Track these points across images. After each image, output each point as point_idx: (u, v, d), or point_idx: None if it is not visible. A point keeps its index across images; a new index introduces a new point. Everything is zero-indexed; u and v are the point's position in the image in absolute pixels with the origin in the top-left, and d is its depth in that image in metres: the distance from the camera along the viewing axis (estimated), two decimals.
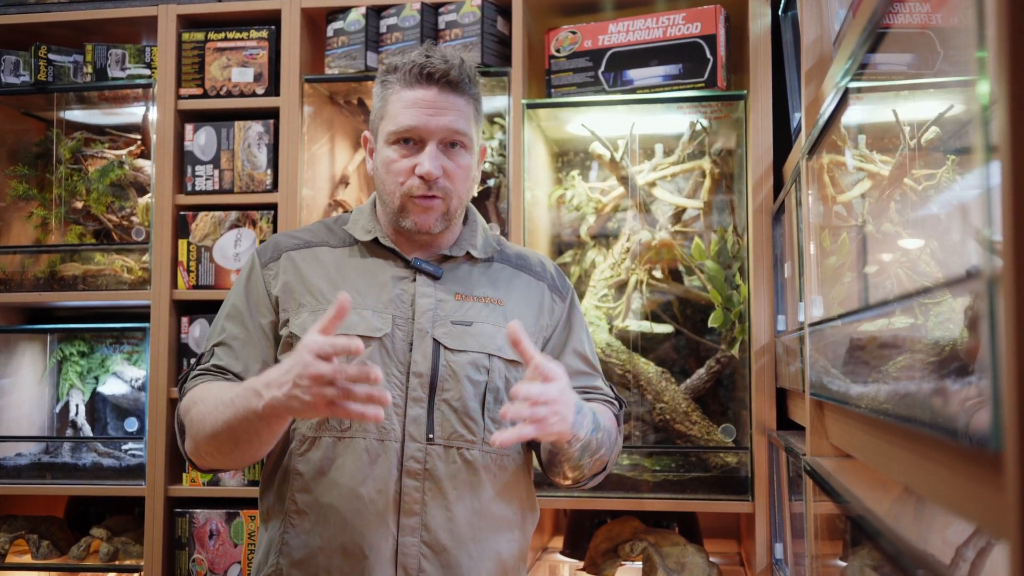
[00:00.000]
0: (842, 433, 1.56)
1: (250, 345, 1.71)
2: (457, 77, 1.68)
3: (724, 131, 2.86)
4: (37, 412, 3.06)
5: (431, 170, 1.65)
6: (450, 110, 1.67)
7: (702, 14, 2.61)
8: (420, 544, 1.63)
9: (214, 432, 1.54)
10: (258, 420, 1.47)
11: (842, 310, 1.60)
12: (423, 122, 1.66)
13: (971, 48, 0.88)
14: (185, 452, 1.68)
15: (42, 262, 2.93)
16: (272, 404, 1.42)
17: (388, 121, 1.70)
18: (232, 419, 1.50)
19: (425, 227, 1.70)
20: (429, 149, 1.67)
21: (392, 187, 1.70)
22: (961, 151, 1.21)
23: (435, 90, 1.67)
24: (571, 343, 1.85)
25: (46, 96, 3.00)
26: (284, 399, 1.41)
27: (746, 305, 2.61)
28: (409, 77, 1.67)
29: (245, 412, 1.47)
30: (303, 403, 1.40)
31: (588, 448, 1.65)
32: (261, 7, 2.85)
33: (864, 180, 1.54)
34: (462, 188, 1.72)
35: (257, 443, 1.54)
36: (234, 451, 1.57)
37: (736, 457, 2.58)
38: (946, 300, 0.87)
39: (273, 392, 1.42)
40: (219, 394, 1.56)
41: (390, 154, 1.70)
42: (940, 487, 0.90)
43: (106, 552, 2.80)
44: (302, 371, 1.38)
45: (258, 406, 1.44)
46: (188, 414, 1.63)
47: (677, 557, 2.50)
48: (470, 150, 1.72)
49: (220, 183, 2.83)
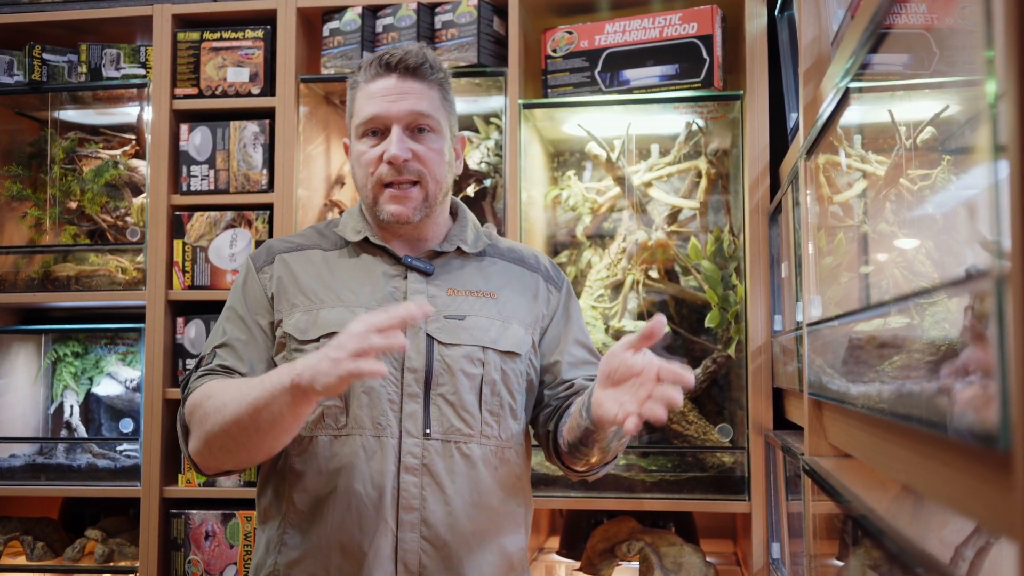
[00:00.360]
0: (841, 433, 1.56)
1: (253, 346, 1.71)
2: (416, 62, 1.70)
3: (720, 131, 2.87)
4: (31, 413, 3.05)
5: (397, 153, 1.66)
6: (411, 94, 1.69)
7: (698, 14, 2.61)
8: (420, 540, 1.63)
9: (236, 416, 1.50)
10: (284, 395, 1.44)
11: (840, 310, 1.60)
12: (384, 109, 1.68)
13: (974, 48, 0.88)
14: (189, 453, 1.65)
15: (36, 262, 2.92)
16: (300, 373, 1.41)
17: (355, 117, 1.73)
18: (258, 398, 1.47)
19: (403, 217, 1.70)
20: (394, 133, 1.68)
21: (363, 179, 1.72)
22: (959, 151, 1.21)
23: (394, 77, 1.69)
24: (572, 332, 1.85)
25: (40, 96, 2.99)
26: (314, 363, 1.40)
27: (742, 305, 2.61)
28: (370, 71, 1.71)
29: (273, 388, 1.45)
30: (330, 362, 1.38)
31: (619, 433, 1.63)
32: (257, 7, 2.84)
33: (863, 180, 1.54)
34: (437, 171, 1.72)
35: (279, 427, 1.50)
36: (251, 439, 1.52)
37: (733, 457, 2.58)
38: (951, 299, 0.87)
39: (306, 363, 1.42)
40: (243, 381, 1.57)
41: (360, 147, 1.72)
42: (944, 486, 0.90)
43: (101, 553, 2.79)
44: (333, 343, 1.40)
45: (287, 380, 1.43)
46: (199, 409, 1.59)
47: (674, 557, 2.50)
48: (439, 133, 1.73)
49: (215, 183, 2.83)
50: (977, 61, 0.75)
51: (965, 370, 0.82)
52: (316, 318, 1.68)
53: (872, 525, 1.10)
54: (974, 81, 0.88)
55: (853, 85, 1.34)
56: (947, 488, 0.88)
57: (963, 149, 1.15)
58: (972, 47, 0.89)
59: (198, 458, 1.64)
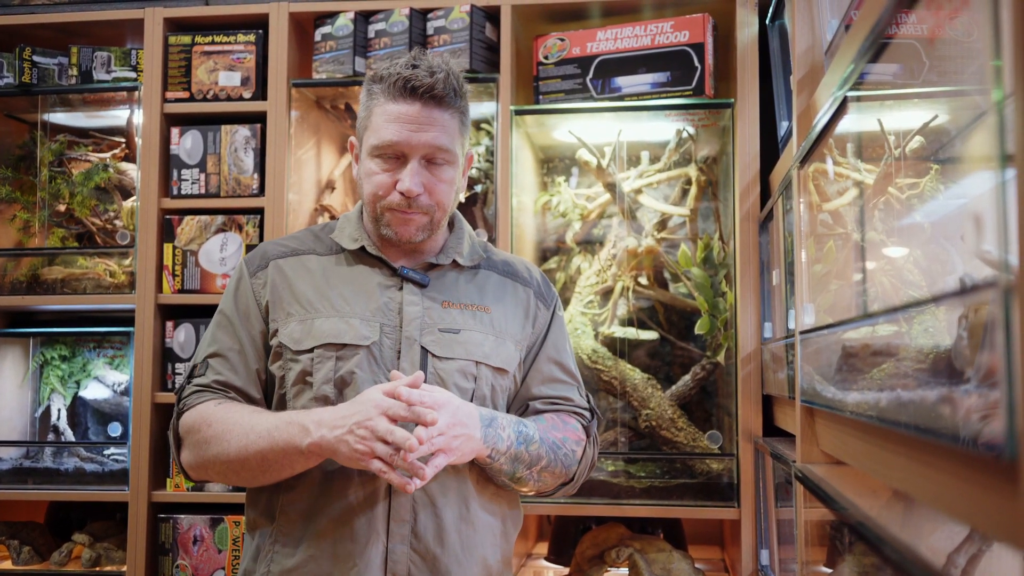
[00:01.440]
0: (834, 440, 1.57)
1: (244, 355, 1.71)
2: (442, 92, 1.66)
3: (710, 139, 2.88)
4: (18, 416, 3.03)
5: (411, 187, 1.65)
6: (433, 126, 1.66)
7: (690, 22, 2.62)
8: (410, 551, 1.63)
9: (241, 458, 1.58)
10: (298, 455, 1.53)
11: (830, 318, 1.61)
12: (405, 138, 1.65)
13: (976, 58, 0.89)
14: (181, 463, 1.69)
15: (24, 265, 2.90)
16: (320, 443, 1.50)
17: (371, 134, 1.69)
18: (268, 450, 1.55)
19: (406, 237, 1.71)
20: (411, 167, 1.66)
21: (371, 199, 1.70)
22: (959, 160, 1.22)
23: (419, 105, 1.65)
24: (546, 349, 1.85)
25: (29, 98, 2.98)
26: (333, 441, 1.49)
27: (732, 312, 2.62)
28: (393, 90, 1.66)
29: (286, 446, 1.53)
30: (351, 449, 1.48)
31: (520, 460, 1.68)
32: (249, 11, 2.84)
33: (858, 189, 1.55)
34: (445, 201, 1.72)
35: (287, 472, 1.60)
36: (255, 477, 1.62)
37: (722, 464, 2.59)
38: (952, 309, 0.88)
39: (323, 432, 1.50)
40: (248, 422, 1.59)
41: (372, 166, 1.69)
42: (945, 494, 0.90)
43: (88, 558, 2.78)
44: (362, 420, 1.47)
45: (302, 443, 1.51)
46: (197, 433, 1.63)
47: (663, 563, 2.51)
48: (453, 164, 1.71)
49: (206, 187, 2.82)
50: (980, 71, 0.76)
51: (966, 379, 0.82)
52: (311, 328, 1.67)
53: (869, 532, 1.10)
54: (977, 90, 0.89)
55: (851, 94, 1.34)
56: (948, 496, 0.89)
57: (963, 159, 1.16)
58: (974, 57, 0.90)
59: (191, 472, 1.69)
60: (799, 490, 1.72)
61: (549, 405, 1.81)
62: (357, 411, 1.49)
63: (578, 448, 1.77)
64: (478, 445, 1.60)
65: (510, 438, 1.65)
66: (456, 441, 1.55)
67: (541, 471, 1.71)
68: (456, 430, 1.54)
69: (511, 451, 1.65)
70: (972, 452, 0.77)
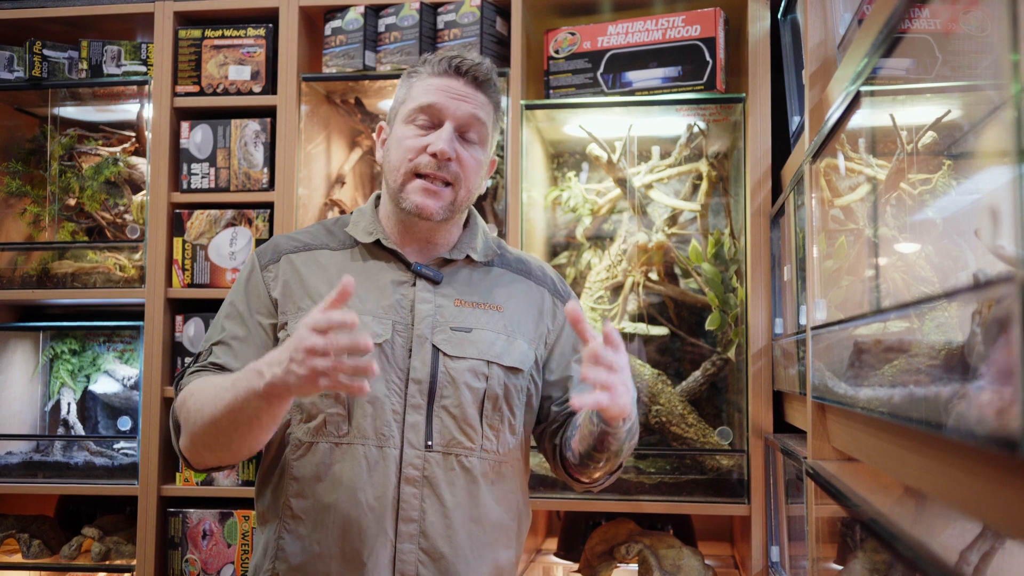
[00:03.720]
0: (846, 436, 1.56)
1: (250, 344, 1.69)
2: (485, 75, 1.71)
3: (721, 134, 2.87)
4: (28, 410, 3.04)
5: (445, 148, 1.65)
6: (472, 100, 1.70)
7: (702, 16, 2.61)
8: (418, 551, 1.62)
9: (213, 418, 1.51)
10: (258, 400, 1.44)
11: (841, 313, 1.60)
12: (444, 102, 1.68)
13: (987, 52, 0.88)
14: (180, 450, 1.66)
15: (34, 259, 2.91)
16: (272, 382, 1.40)
17: (409, 102, 1.71)
18: (233, 402, 1.47)
19: (427, 211, 1.68)
20: (446, 129, 1.67)
21: (399, 162, 1.69)
22: (975, 155, 1.21)
23: (461, 81, 1.69)
24: (580, 344, 1.84)
25: (39, 92, 2.98)
26: (282, 374, 1.39)
27: (743, 308, 2.61)
28: (438, 67, 1.70)
29: (246, 393, 1.45)
30: (298, 377, 1.37)
31: (631, 432, 1.65)
32: (259, 5, 2.84)
33: (870, 184, 1.54)
34: (472, 180, 1.72)
35: (257, 428, 1.50)
36: (232, 439, 1.53)
37: (732, 460, 2.58)
38: (964, 304, 0.87)
39: (274, 370, 1.40)
40: (219, 382, 1.54)
41: (405, 131, 1.70)
42: (958, 491, 0.89)
43: (98, 552, 2.78)
44: (297, 344, 1.37)
45: (259, 385, 1.42)
46: (184, 407, 1.60)
47: (673, 559, 2.50)
48: (484, 147, 1.73)
49: (216, 181, 2.82)
50: (994, 66, 0.75)
51: (981, 375, 0.81)
52: None
53: (881, 529, 1.09)
54: (991, 85, 0.88)
55: (864, 88, 1.33)
56: (961, 492, 0.88)
57: (977, 154, 1.15)
58: (988, 51, 0.89)
59: (187, 455, 1.64)
60: (810, 486, 1.71)
61: None
62: (294, 337, 1.39)
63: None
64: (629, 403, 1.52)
65: (633, 419, 1.62)
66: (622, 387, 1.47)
67: (632, 447, 1.70)
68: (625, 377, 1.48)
69: (632, 420, 1.62)
70: (986, 448, 0.76)
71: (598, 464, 1.68)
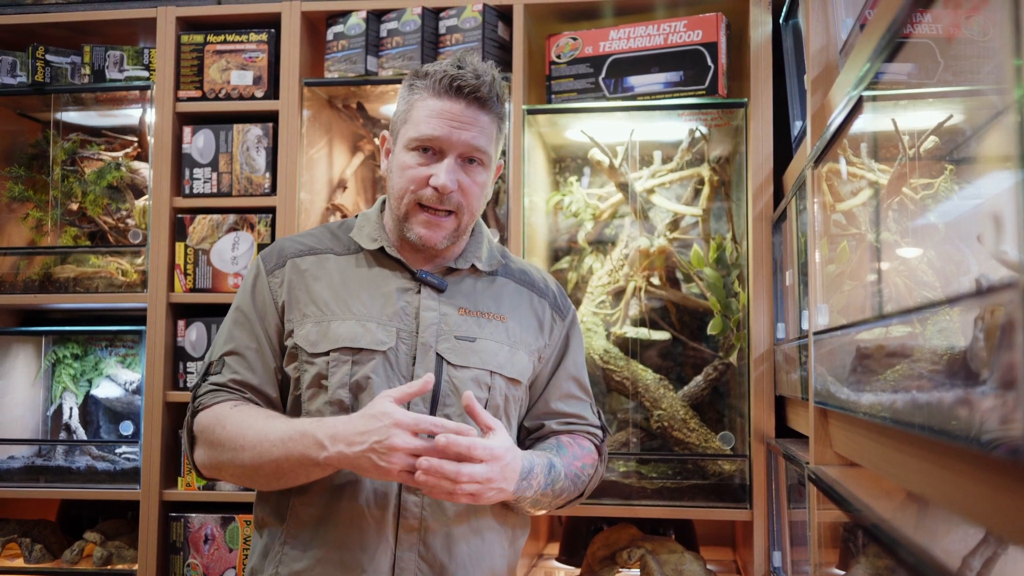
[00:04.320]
0: (848, 442, 1.56)
1: (262, 355, 1.70)
2: (486, 94, 1.67)
3: (722, 138, 2.87)
4: (30, 415, 3.04)
5: (446, 183, 1.64)
6: (474, 126, 1.67)
7: (703, 21, 2.61)
8: (418, 560, 1.63)
9: (255, 465, 1.57)
10: (314, 467, 1.53)
11: (843, 318, 1.60)
12: (446, 133, 1.65)
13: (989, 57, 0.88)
14: (194, 461, 1.68)
15: (36, 264, 2.91)
16: (338, 459, 1.49)
17: (411, 127, 1.68)
18: (282, 460, 1.54)
19: (431, 242, 1.70)
20: (447, 162, 1.66)
21: (402, 192, 1.69)
22: (964, 160, 1.21)
23: (462, 104, 1.66)
24: (566, 366, 1.85)
25: (42, 97, 2.99)
26: (353, 457, 1.47)
27: (745, 313, 2.61)
28: (439, 87, 1.66)
29: (300, 458, 1.52)
30: (375, 467, 1.47)
31: (538, 502, 1.70)
32: (261, 10, 2.84)
33: (872, 189, 1.54)
34: (475, 205, 1.72)
35: (303, 480, 1.59)
36: (270, 483, 1.62)
37: (734, 465, 2.58)
38: (967, 309, 0.87)
39: (340, 448, 1.48)
40: (262, 429, 1.58)
41: (407, 159, 1.68)
42: (960, 496, 0.89)
43: (99, 556, 2.78)
44: (383, 438, 1.45)
45: (319, 457, 1.50)
46: (212, 434, 1.62)
47: (675, 564, 2.50)
48: (487, 168, 1.72)
49: (218, 186, 2.82)
50: (997, 70, 0.75)
51: (984, 380, 0.81)
52: (327, 330, 1.66)
53: (883, 534, 1.09)
54: (993, 90, 0.88)
55: (867, 93, 1.33)
56: (964, 498, 0.88)
57: (979, 159, 1.15)
58: (991, 56, 0.89)
59: (204, 471, 1.69)
60: (812, 491, 1.71)
61: (564, 425, 1.82)
62: (373, 428, 1.47)
63: (591, 470, 1.80)
64: (507, 496, 1.60)
65: (539, 486, 1.65)
66: (489, 493, 1.54)
67: (557, 499, 1.74)
68: (493, 484, 1.53)
69: (535, 495, 1.66)
70: (988, 454, 0.76)
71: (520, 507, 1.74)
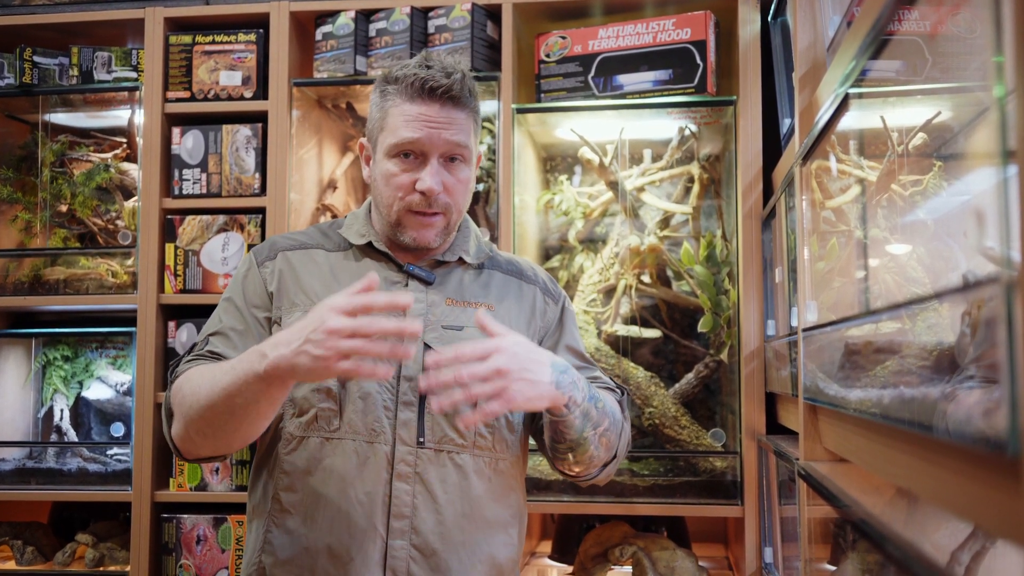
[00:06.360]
0: (837, 438, 1.56)
1: (247, 336, 1.70)
2: (459, 92, 1.67)
3: (712, 136, 2.87)
4: (21, 417, 3.03)
5: (433, 186, 1.65)
6: (452, 125, 1.67)
7: (692, 20, 2.62)
8: (409, 547, 1.62)
9: (210, 402, 1.50)
10: (259, 382, 1.43)
11: (833, 315, 1.61)
12: (426, 136, 1.65)
13: (975, 53, 0.89)
14: (171, 439, 1.64)
15: (26, 266, 2.90)
16: (276, 363, 1.40)
17: (388, 134, 1.68)
18: (231, 384, 1.46)
19: (424, 242, 1.71)
20: (431, 165, 1.66)
21: (391, 200, 1.69)
22: (960, 157, 1.21)
23: (437, 105, 1.65)
24: (564, 340, 1.85)
25: (31, 99, 2.98)
26: (291, 355, 1.39)
27: (735, 310, 2.62)
28: (411, 91, 1.66)
29: (246, 375, 1.44)
30: (312, 358, 1.38)
31: (589, 417, 1.62)
32: (249, 10, 2.84)
33: (860, 186, 1.55)
34: (461, 201, 1.73)
35: (254, 413, 1.49)
36: (227, 424, 1.52)
37: (725, 461, 2.59)
38: (954, 305, 0.87)
39: (280, 351, 1.41)
40: (216, 367, 1.54)
41: (390, 167, 1.68)
42: (949, 491, 0.90)
43: (92, 558, 2.78)
44: (318, 324, 1.38)
45: (260, 367, 1.42)
46: (179, 392, 1.59)
47: (667, 561, 2.50)
48: (469, 162, 1.72)
49: (208, 187, 2.82)
50: (982, 67, 0.76)
51: (970, 375, 0.82)
52: None
53: (872, 530, 1.10)
54: (979, 87, 0.89)
55: (853, 91, 1.34)
56: (951, 493, 0.89)
57: (966, 155, 1.15)
58: (976, 53, 0.89)
59: (179, 442, 1.63)
60: (802, 488, 1.72)
61: None
62: (312, 318, 1.40)
63: (621, 418, 1.76)
64: (549, 390, 1.52)
65: (584, 390, 1.60)
66: (518, 384, 1.46)
67: (602, 435, 1.67)
68: (517, 373, 1.46)
69: (584, 405, 1.60)
70: (975, 449, 0.77)
71: (567, 455, 1.69)
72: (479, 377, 1.44)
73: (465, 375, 1.43)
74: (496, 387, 1.45)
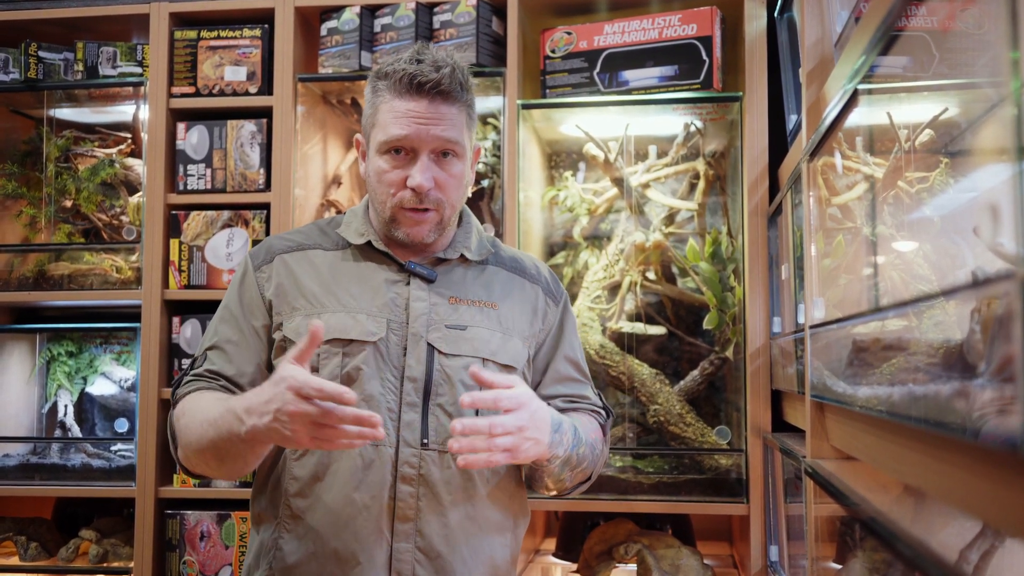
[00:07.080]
0: (845, 435, 1.56)
1: (244, 348, 1.70)
2: (448, 87, 1.65)
3: (718, 133, 2.86)
4: (25, 413, 3.03)
5: (423, 183, 1.64)
6: (442, 120, 1.65)
7: (698, 15, 2.61)
8: (415, 550, 1.62)
9: (199, 448, 1.57)
10: (241, 443, 1.49)
11: (839, 312, 1.60)
12: (415, 132, 1.64)
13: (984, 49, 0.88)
14: (178, 459, 1.68)
15: (30, 261, 2.90)
16: (253, 432, 1.45)
17: (379, 130, 1.67)
18: (216, 439, 1.52)
19: (418, 238, 1.70)
20: (421, 161, 1.65)
21: (383, 197, 1.69)
22: (959, 153, 1.21)
23: (426, 101, 1.64)
24: (563, 348, 1.85)
25: (36, 94, 2.98)
26: (264, 428, 1.43)
27: (741, 307, 2.61)
28: (399, 87, 1.64)
29: (228, 435, 1.50)
30: (282, 437, 1.43)
31: (568, 463, 1.68)
32: (254, 5, 2.83)
33: (867, 182, 1.54)
34: (454, 196, 1.71)
35: (242, 462, 1.56)
36: (221, 467, 1.59)
37: (730, 459, 2.58)
38: (963, 302, 0.87)
39: (254, 420, 1.44)
40: (206, 410, 1.57)
41: (381, 164, 1.68)
42: (957, 489, 0.89)
43: (95, 554, 2.78)
44: (282, 407, 1.40)
45: (240, 431, 1.47)
46: (178, 422, 1.64)
47: (672, 559, 2.50)
48: (462, 157, 1.71)
49: (212, 182, 2.82)
50: (992, 63, 0.75)
51: (980, 373, 0.81)
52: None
53: (881, 528, 1.09)
54: (989, 82, 0.88)
55: (862, 87, 1.33)
56: (961, 491, 0.88)
57: (974, 151, 1.15)
58: (986, 49, 0.89)
59: (185, 464, 1.68)
60: (809, 485, 1.71)
61: (569, 403, 1.81)
62: (276, 394, 1.41)
63: (600, 446, 1.79)
64: (543, 450, 1.58)
65: (568, 444, 1.65)
66: (526, 444, 1.52)
67: (577, 472, 1.73)
68: (527, 433, 1.52)
69: (565, 454, 1.65)
70: (985, 447, 0.76)
71: (545, 484, 1.74)
72: (503, 432, 1.48)
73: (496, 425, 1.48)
74: (513, 442, 1.50)
